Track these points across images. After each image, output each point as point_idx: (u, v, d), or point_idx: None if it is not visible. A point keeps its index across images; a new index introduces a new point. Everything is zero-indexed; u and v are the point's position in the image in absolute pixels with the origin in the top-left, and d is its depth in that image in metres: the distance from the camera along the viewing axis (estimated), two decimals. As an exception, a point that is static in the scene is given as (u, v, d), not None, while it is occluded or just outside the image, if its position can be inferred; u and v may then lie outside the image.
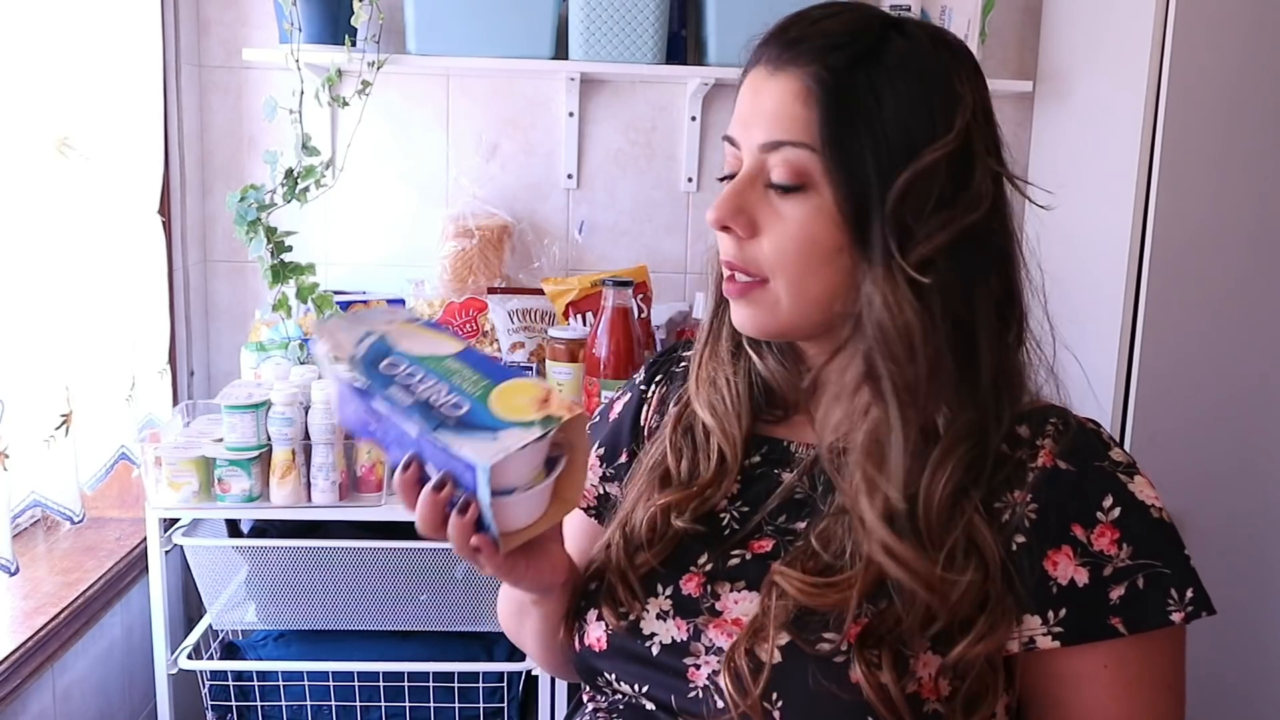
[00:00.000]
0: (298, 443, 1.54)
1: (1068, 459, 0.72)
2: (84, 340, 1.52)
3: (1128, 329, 1.74)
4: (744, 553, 0.77)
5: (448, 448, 0.66)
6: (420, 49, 1.88)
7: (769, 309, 0.75)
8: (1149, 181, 1.70)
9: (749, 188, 0.74)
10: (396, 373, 0.70)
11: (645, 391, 0.93)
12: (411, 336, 0.73)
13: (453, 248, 1.98)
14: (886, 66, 0.71)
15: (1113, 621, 0.69)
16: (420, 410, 0.68)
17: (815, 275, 0.73)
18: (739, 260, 0.75)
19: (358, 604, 1.67)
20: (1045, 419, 0.75)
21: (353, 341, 0.72)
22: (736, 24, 1.89)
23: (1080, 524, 0.70)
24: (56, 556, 1.69)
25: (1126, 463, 0.73)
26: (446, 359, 0.72)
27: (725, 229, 0.75)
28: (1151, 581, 0.70)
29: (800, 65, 0.72)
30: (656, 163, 2.12)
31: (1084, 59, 1.93)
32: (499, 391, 0.70)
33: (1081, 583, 0.70)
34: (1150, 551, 0.70)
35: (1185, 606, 0.70)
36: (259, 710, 1.73)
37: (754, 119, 0.74)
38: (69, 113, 1.47)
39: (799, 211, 0.73)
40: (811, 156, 0.71)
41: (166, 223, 1.84)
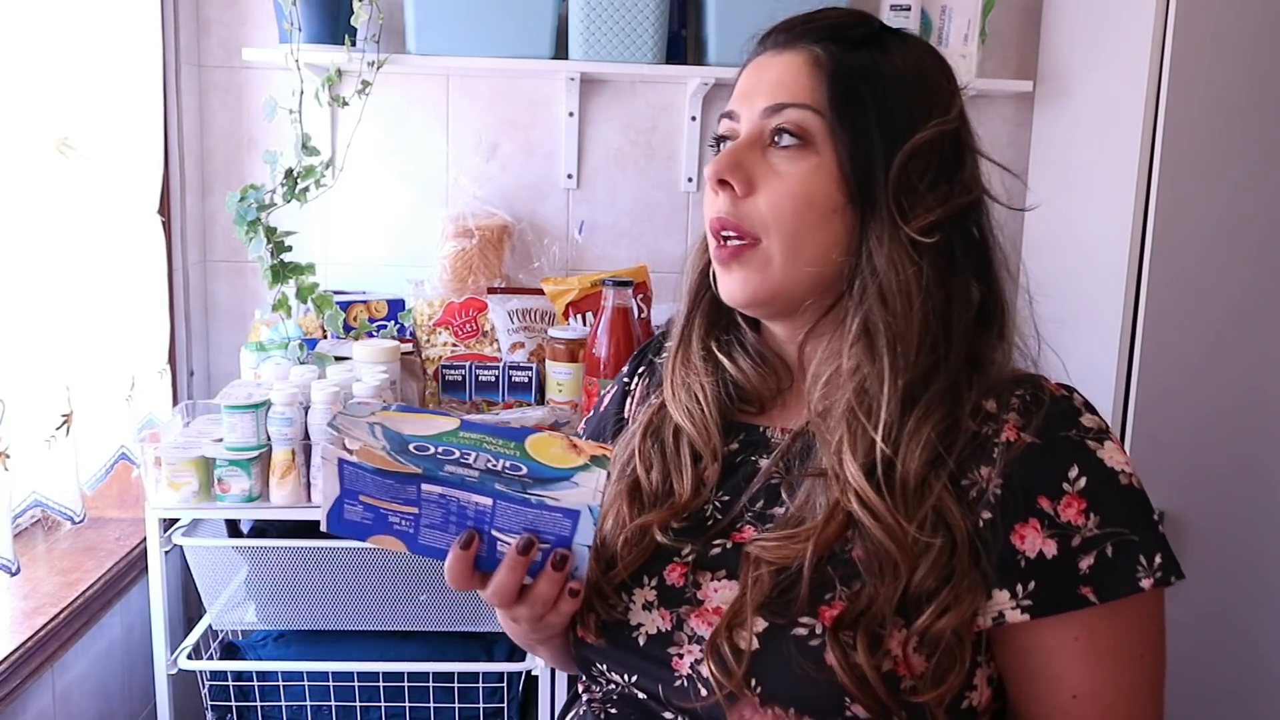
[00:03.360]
0: (298, 443, 1.54)
1: (1032, 432, 0.73)
2: (84, 340, 1.52)
3: (1128, 329, 1.74)
4: (725, 541, 0.78)
5: (544, 503, 0.68)
6: (420, 49, 1.88)
7: (760, 270, 0.77)
8: (1149, 181, 1.70)
9: (748, 149, 0.77)
10: (435, 453, 0.71)
11: (629, 384, 0.96)
12: (408, 422, 0.74)
13: (453, 248, 1.98)
14: (888, 53, 0.77)
15: (1083, 591, 0.70)
16: (493, 479, 0.69)
17: (809, 234, 0.75)
18: (733, 217, 0.77)
19: (358, 604, 1.67)
20: (1012, 392, 0.75)
21: (368, 434, 0.71)
22: (736, 24, 1.89)
23: (1047, 496, 0.71)
24: (56, 556, 1.69)
25: (1097, 429, 0.73)
26: (459, 433, 0.73)
27: (723, 183, 0.76)
28: (1120, 549, 0.70)
29: (806, 43, 0.77)
30: (656, 163, 2.12)
31: (1084, 59, 1.93)
32: (532, 447, 0.72)
33: (1050, 554, 0.70)
34: (1118, 519, 0.71)
35: (1154, 573, 0.70)
36: (259, 710, 1.73)
37: (757, 90, 0.78)
38: (69, 113, 1.47)
39: (798, 168, 0.75)
40: (815, 118, 0.75)
41: (166, 223, 1.84)
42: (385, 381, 1.66)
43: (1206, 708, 1.81)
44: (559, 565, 0.71)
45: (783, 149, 0.76)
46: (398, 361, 1.77)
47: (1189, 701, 1.80)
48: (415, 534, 0.71)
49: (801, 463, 0.79)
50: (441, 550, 0.72)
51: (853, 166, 0.74)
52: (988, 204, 0.82)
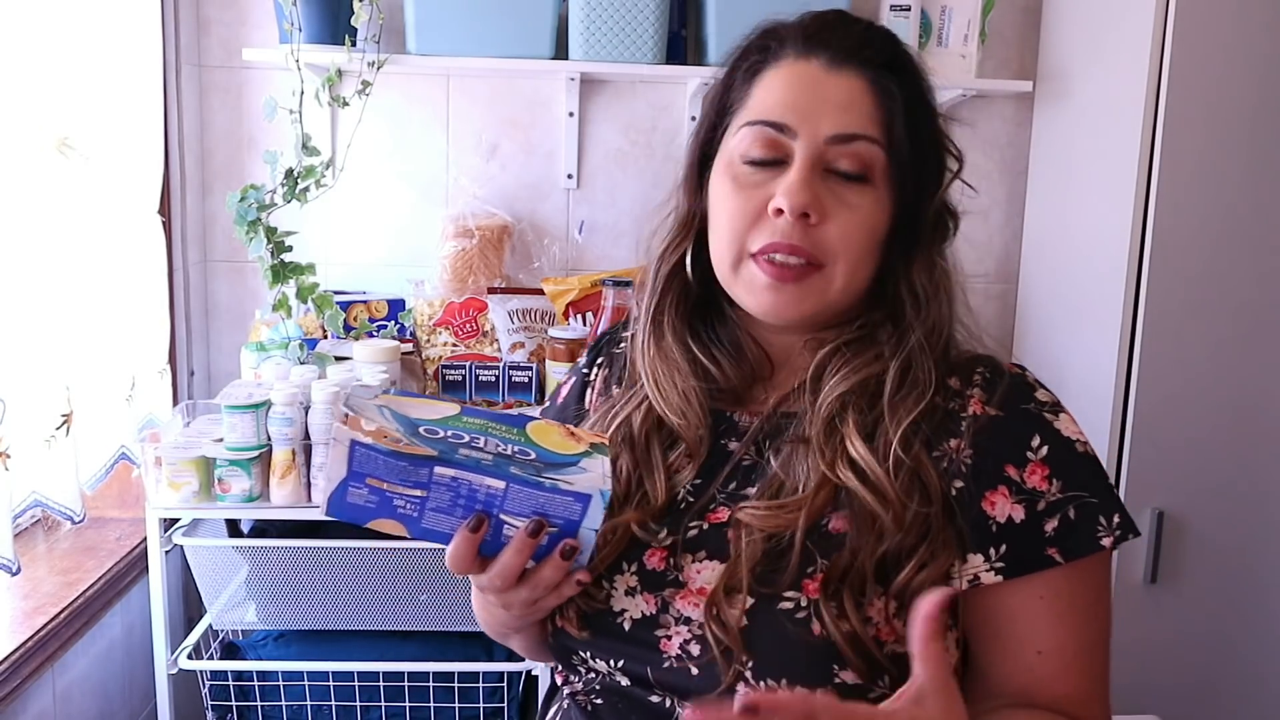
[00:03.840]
0: (298, 443, 1.54)
1: (996, 405, 0.78)
2: (84, 340, 1.52)
3: (1127, 329, 1.74)
4: (701, 523, 0.79)
5: (557, 486, 0.69)
6: (420, 49, 1.88)
7: (819, 292, 0.79)
8: (1149, 181, 1.70)
9: (818, 177, 0.77)
10: (446, 436, 0.71)
11: (588, 375, 0.96)
12: (412, 406, 0.75)
13: (453, 248, 1.98)
14: (919, 74, 0.81)
15: (1049, 552, 0.74)
16: (505, 462, 0.70)
17: (865, 262, 0.79)
18: (805, 244, 0.77)
19: (358, 604, 1.67)
20: (973, 369, 0.81)
21: (380, 417, 0.72)
22: (736, 24, 1.86)
23: (1013, 464, 0.76)
24: (57, 556, 1.69)
25: (1051, 402, 0.79)
26: (463, 418, 0.74)
27: (804, 215, 0.77)
28: (1081, 511, 0.75)
29: (865, 67, 0.78)
30: (656, 163, 2.12)
31: (1084, 59, 1.93)
32: (534, 433, 0.74)
33: (1019, 519, 0.75)
34: (1078, 484, 0.76)
35: (1114, 531, 0.75)
36: (259, 710, 1.73)
37: (818, 110, 0.77)
38: (69, 113, 1.47)
39: (864, 200, 0.78)
40: (880, 154, 0.77)
41: (166, 223, 1.84)
42: (385, 381, 1.66)
43: (1206, 708, 1.82)
44: (567, 555, 0.72)
45: (849, 180, 0.77)
46: (398, 361, 1.77)
47: (1189, 702, 1.80)
48: (419, 517, 0.71)
49: (772, 444, 0.81)
50: (444, 534, 0.72)
51: (908, 202, 0.79)
52: None
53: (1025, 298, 2.11)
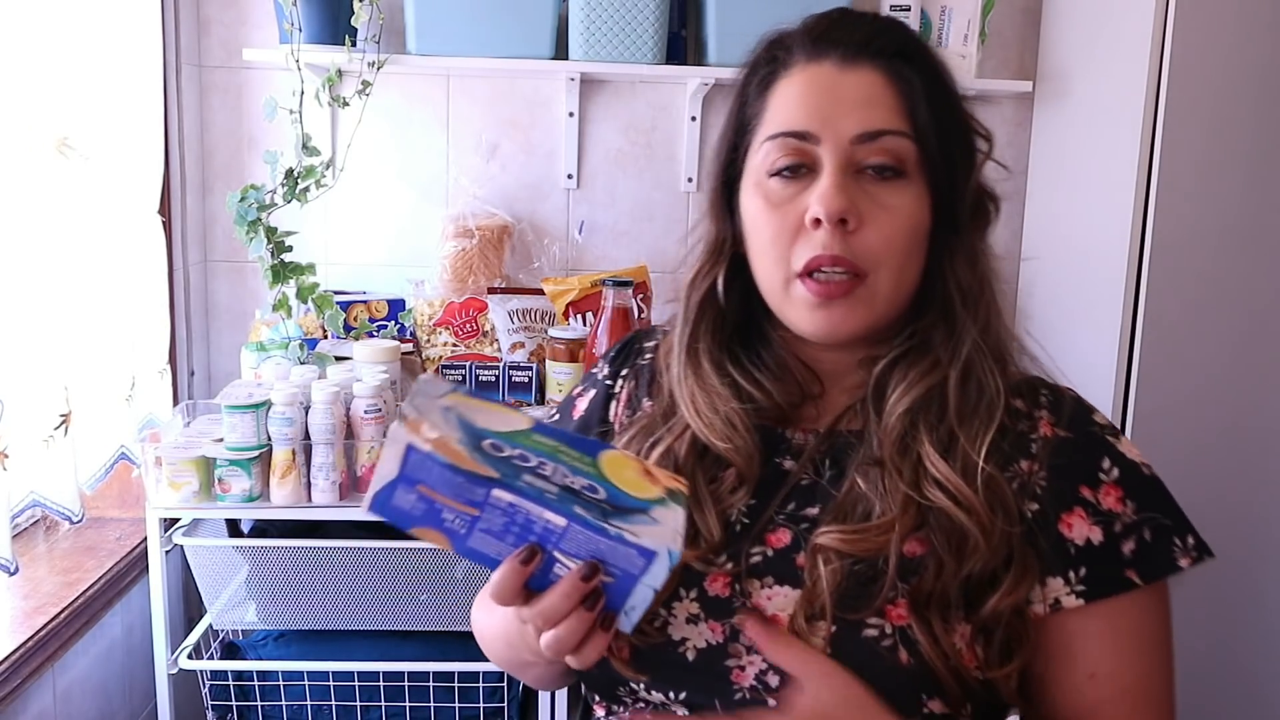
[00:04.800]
0: (298, 443, 1.54)
1: (1065, 427, 0.77)
2: (84, 340, 1.52)
3: (1127, 329, 1.74)
4: (764, 549, 0.76)
5: (622, 536, 0.63)
6: (420, 49, 1.88)
7: (866, 304, 0.76)
8: (1149, 181, 1.70)
9: (849, 179, 0.74)
10: (507, 454, 0.65)
11: (612, 386, 0.91)
12: (480, 412, 0.67)
13: (453, 248, 1.98)
14: (933, 58, 0.78)
15: (1128, 574, 0.73)
16: (569, 498, 0.64)
17: (912, 262, 0.76)
18: (846, 254, 0.74)
19: (358, 604, 1.67)
20: (1037, 390, 0.79)
21: (443, 420, 0.65)
22: (736, 24, 1.89)
23: (1087, 485, 0.74)
24: (57, 556, 1.69)
25: (1109, 425, 0.78)
26: (532, 435, 0.66)
27: (841, 221, 0.73)
28: (1157, 533, 0.74)
29: (878, 60, 0.75)
30: (656, 163, 2.12)
31: (1084, 59, 1.93)
32: (607, 466, 0.66)
33: (1097, 541, 0.73)
34: (1150, 505, 0.75)
35: (1190, 552, 0.74)
36: (259, 710, 1.73)
37: (840, 110, 0.75)
38: (69, 113, 1.47)
39: (902, 199, 0.75)
40: (910, 145, 0.74)
41: (166, 223, 1.84)
42: (385, 381, 1.66)
43: (1208, 705, 1.82)
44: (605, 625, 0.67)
45: (883, 180, 0.75)
46: (398, 361, 1.77)
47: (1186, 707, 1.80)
48: (467, 536, 0.65)
49: (832, 463, 0.78)
50: (491, 558, 0.66)
51: (945, 192, 0.76)
52: None
53: (1025, 298, 2.11)
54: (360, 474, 1.59)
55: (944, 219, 0.77)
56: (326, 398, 1.54)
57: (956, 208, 0.77)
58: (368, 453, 1.58)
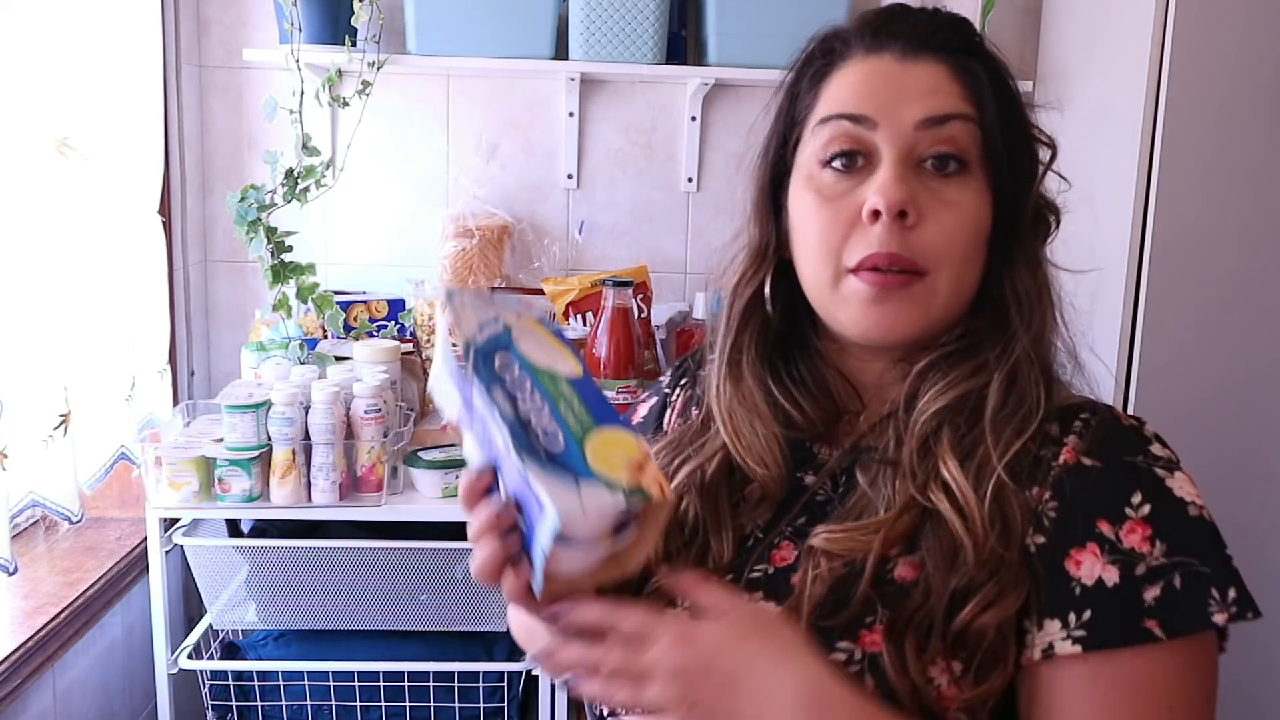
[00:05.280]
0: (298, 443, 1.54)
1: (1092, 455, 0.68)
2: (84, 340, 1.52)
3: (1127, 329, 1.74)
4: (766, 566, 0.74)
5: (528, 477, 0.61)
6: (420, 49, 1.88)
7: (922, 304, 0.71)
8: (1149, 182, 1.70)
9: (909, 170, 0.70)
10: (508, 376, 0.66)
11: (670, 395, 0.90)
12: (535, 340, 0.68)
13: (453, 248, 1.98)
14: (997, 58, 0.75)
15: (1148, 624, 0.63)
16: (514, 427, 0.63)
17: (972, 264, 0.72)
18: (905, 250, 0.69)
19: (358, 604, 1.67)
20: (1075, 415, 0.71)
21: (476, 323, 0.67)
22: (736, 24, 1.89)
23: (1107, 520, 0.66)
24: (57, 556, 1.69)
25: (1167, 458, 0.69)
26: (560, 380, 0.67)
27: (901, 215, 0.69)
28: (1190, 581, 0.64)
29: (939, 52, 0.72)
30: (656, 163, 2.12)
31: (1084, 59, 1.93)
32: (600, 438, 0.64)
33: (1111, 582, 0.64)
34: (1186, 549, 0.65)
35: (1228, 607, 0.64)
36: (259, 710, 1.73)
37: (900, 97, 0.71)
38: (69, 113, 1.47)
39: (965, 194, 0.71)
40: (974, 132, 0.71)
41: (166, 223, 1.84)
42: (385, 381, 1.66)
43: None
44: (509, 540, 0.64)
45: (945, 175, 0.71)
46: (398, 361, 1.77)
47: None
48: (467, 439, 0.68)
49: (849, 477, 0.74)
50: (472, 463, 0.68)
51: (1007, 192, 0.72)
52: None
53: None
54: (360, 474, 1.59)
55: (1005, 222, 0.73)
56: (326, 398, 1.54)
57: (1019, 211, 0.73)
58: (368, 453, 1.58)
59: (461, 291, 0.69)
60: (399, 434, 1.64)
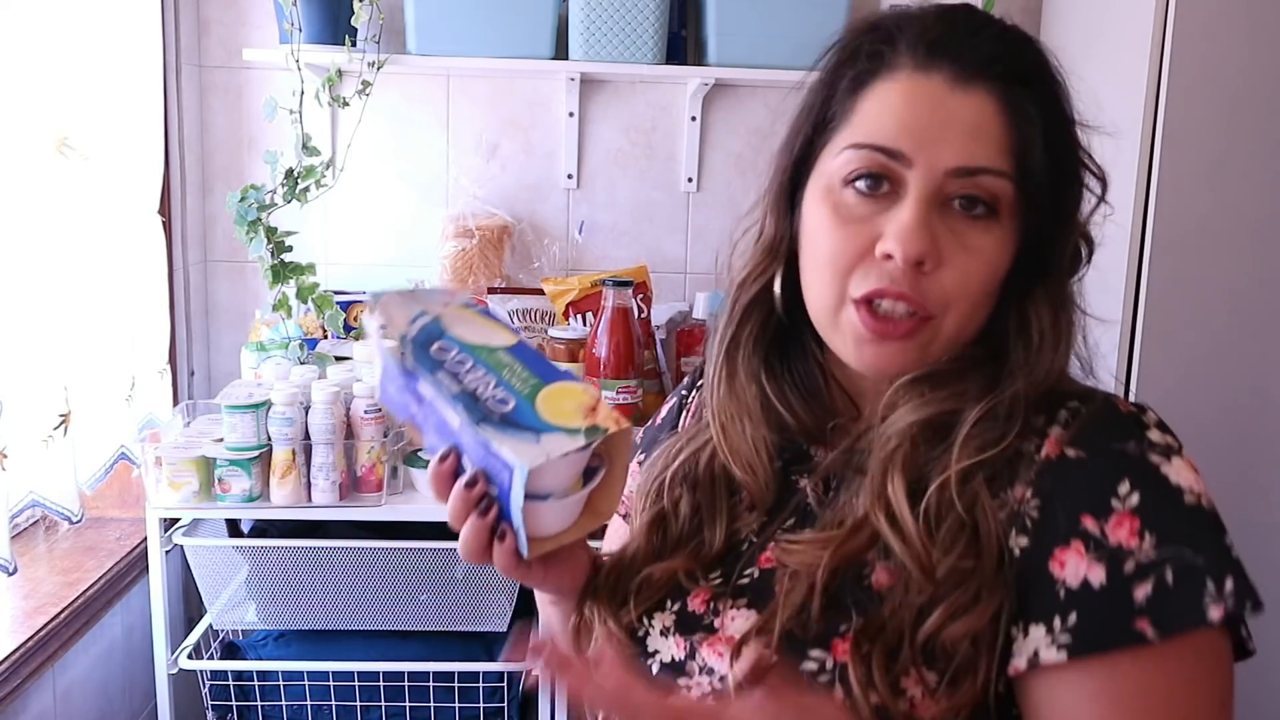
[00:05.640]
0: (298, 443, 1.54)
1: (1076, 444, 0.64)
2: (84, 340, 1.52)
3: (1127, 329, 1.74)
4: (754, 570, 0.72)
5: (488, 443, 0.63)
6: (420, 49, 1.88)
7: (923, 346, 0.69)
8: (1149, 181, 1.70)
9: (932, 213, 0.66)
10: (446, 358, 0.67)
11: (686, 397, 0.90)
12: (466, 323, 0.70)
13: (453, 248, 1.98)
14: (1054, 85, 0.69)
15: (1138, 625, 0.58)
16: (465, 401, 0.65)
17: (983, 308, 0.69)
18: (916, 294, 0.66)
19: (358, 604, 1.67)
20: (1063, 403, 0.67)
21: (406, 319, 0.68)
22: (736, 24, 1.89)
23: (1092, 514, 0.61)
24: (57, 556, 1.69)
25: (1165, 444, 0.64)
26: (498, 350, 0.68)
27: (918, 263, 0.66)
28: (1182, 574, 0.59)
29: (994, 82, 0.66)
30: (656, 163, 2.12)
31: (1084, 58, 1.93)
32: (548, 392, 0.66)
33: (1098, 582, 0.60)
34: (1177, 538, 0.60)
35: (1225, 599, 0.59)
36: (259, 710, 1.73)
37: (942, 136, 0.66)
38: (69, 113, 1.47)
39: (986, 242, 0.67)
40: (1008, 187, 0.66)
41: (166, 223, 1.84)
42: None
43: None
44: (484, 512, 0.65)
45: (972, 218, 0.66)
46: (398, 361, 1.76)
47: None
48: (425, 431, 0.69)
49: (838, 486, 0.72)
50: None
51: (1038, 237, 0.68)
52: None
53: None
54: (360, 474, 1.59)
55: (1030, 259, 0.69)
56: (326, 398, 1.54)
57: (1051, 250, 0.69)
58: (368, 453, 1.58)
59: (384, 293, 0.70)
60: (399, 434, 1.64)
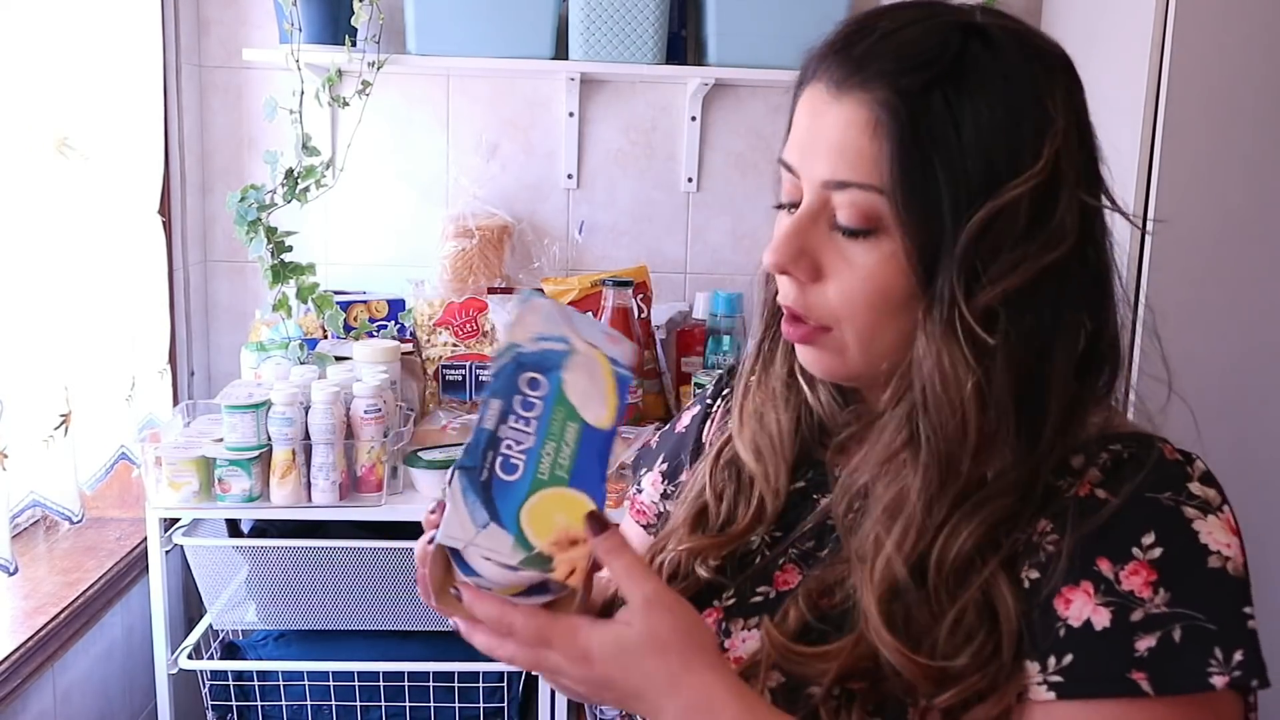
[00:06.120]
0: (298, 443, 1.54)
1: (1107, 486, 0.62)
2: (84, 340, 1.52)
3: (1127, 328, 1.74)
4: (769, 589, 0.72)
5: (447, 492, 0.61)
6: (420, 49, 1.88)
7: (836, 354, 0.68)
8: (1149, 181, 1.70)
9: (811, 226, 0.66)
10: (526, 395, 0.63)
11: (711, 406, 0.89)
12: (590, 375, 0.65)
13: (453, 248, 1.98)
14: (968, 88, 0.62)
15: (1134, 676, 0.57)
16: (483, 440, 0.62)
17: (885, 326, 0.65)
18: (800, 307, 0.67)
19: (358, 604, 1.67)
20: (1106, 446, 0.64)
21: (535, 334, 0.65)
22: (736, 24, 1.89)
23: (1108, 558, 0.59)
24: (57, 556, 1.69)
25: (1204, 499, 0.61)
26: (575, 426, 0.64)
27: (785, 273, 0.67)
28: (1191, 636, 0.57)
29: (868, 89, 0.62)
30: (656, 163, 2.12)
31: (1083, 59, 1.93)
32: (556, 495, 0.62)
33: (1100, 626, 0.58)
34: (1193, 601, 0.58)
35: (1231, 670, 0.56)
36: (259, 710, 1.73)
37: (814, 148, 0.65)
38: (69, 113, 1.47)
39: (869, 258, 0.64)
40: (881, 199, 0.62)
41: (166, 223, 1.84)
42: (385, 381, 1.66)
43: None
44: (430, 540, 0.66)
45: (849, 235, 0.64)
46: (398, 361, 1.77)
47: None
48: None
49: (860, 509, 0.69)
50: None
51: (919, 251, 0.62)
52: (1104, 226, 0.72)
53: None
54: (360, 474, 1.59)
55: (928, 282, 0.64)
56: (326, 398, 1.54)
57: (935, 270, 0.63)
58: (368, 453, 1.58)
59: (543, 300, 0.67)
60: (399, 434, 1.64)
